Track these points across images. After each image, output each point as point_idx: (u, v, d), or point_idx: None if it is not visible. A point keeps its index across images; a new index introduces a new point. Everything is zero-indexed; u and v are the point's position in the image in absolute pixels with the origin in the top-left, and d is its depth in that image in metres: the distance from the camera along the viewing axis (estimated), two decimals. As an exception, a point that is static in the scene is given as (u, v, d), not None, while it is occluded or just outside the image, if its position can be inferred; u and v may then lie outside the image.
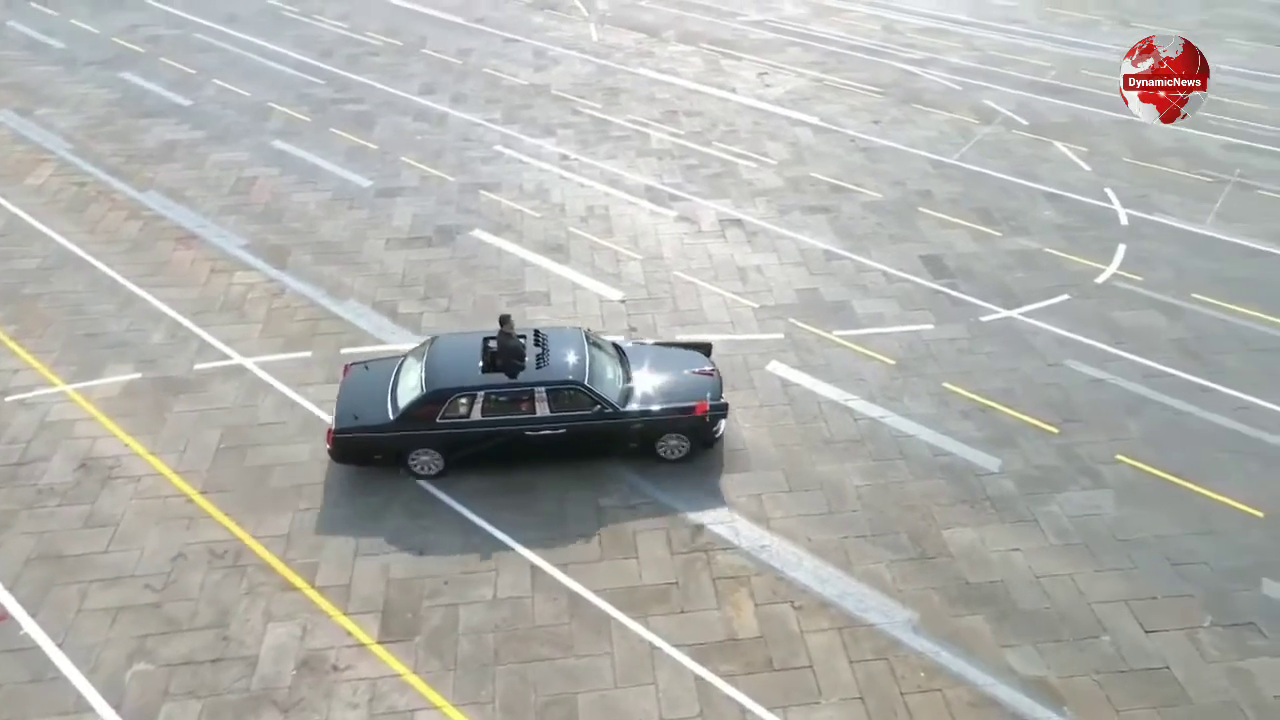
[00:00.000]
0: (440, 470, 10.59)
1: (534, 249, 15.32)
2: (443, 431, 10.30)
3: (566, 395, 10.37)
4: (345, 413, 10.46)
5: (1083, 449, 11.28)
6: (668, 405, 10.73)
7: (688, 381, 11.17)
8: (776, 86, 21.87)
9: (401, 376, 10.80)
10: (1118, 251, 15.36)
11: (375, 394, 10.64)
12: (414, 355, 11.13)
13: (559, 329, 11.50)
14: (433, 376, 10.39)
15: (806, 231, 15.86)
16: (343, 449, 10.34)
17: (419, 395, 10.27)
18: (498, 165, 18.14)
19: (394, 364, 11.15)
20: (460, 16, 26.74)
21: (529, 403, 10.37)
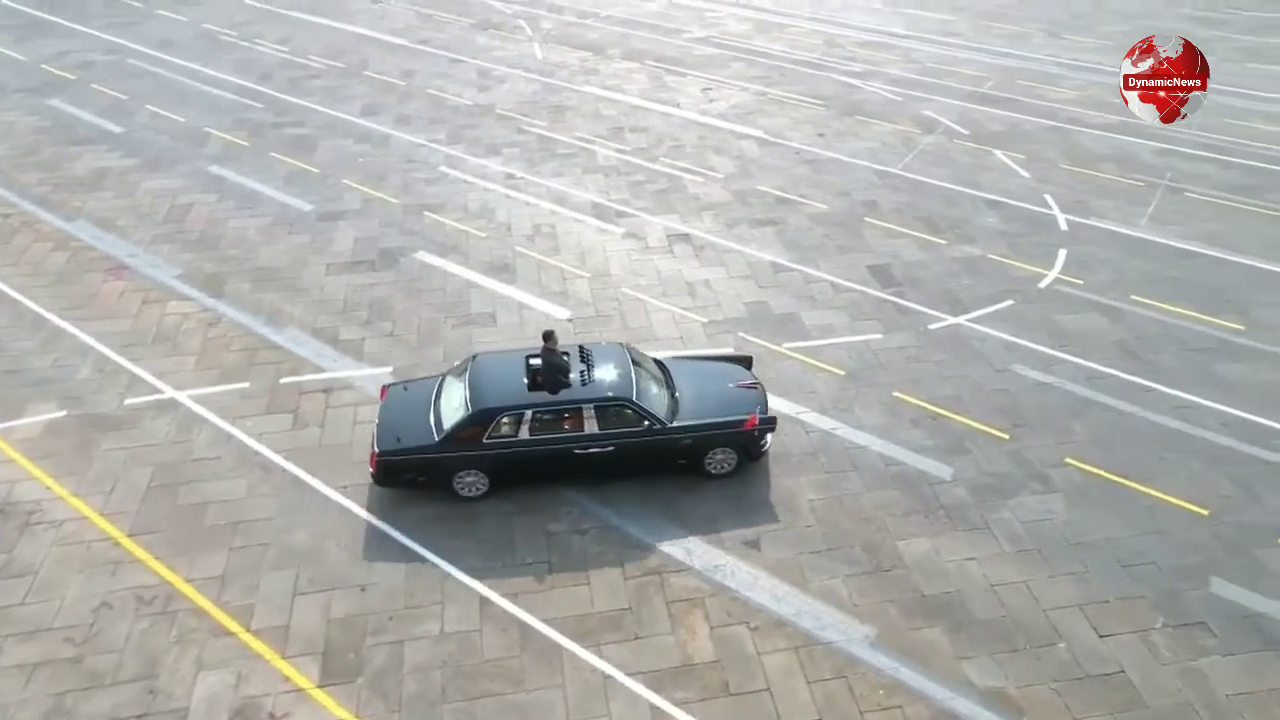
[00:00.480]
0: (485, 491, 10.29)
1: (480, 270, 14.97)
2: (489, 452, 10.02)
3: (614, 412, 10.13)
4: (387, 435, 10.09)
5: (1032, 453, 11.24)
6: (716, 420, 10.47)
7: (733, 395, 10.95)
8: (721, 101, 21.85)
9: (443, 396, 10.51)
10: (1059, 256, 15.49)
11: (417, 415, 10.34)
12: (454, 375, 10.83)
13: (601, 345, 11.21)
14: (478, 396, 10.09)
15: (754, 244, 15.74)
16: (386, 472, 10.03)
17: (465, 415, 9.98)
18: (442, 186, 17.77)
19: (433, 384, 10.88)
20: (404, 38, 26.37)
21: (577, 420, 10.12)
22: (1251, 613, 9.18)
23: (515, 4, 29.76)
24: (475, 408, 9.98)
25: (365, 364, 12.64)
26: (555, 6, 29.48)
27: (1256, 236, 16.06)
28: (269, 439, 11.15)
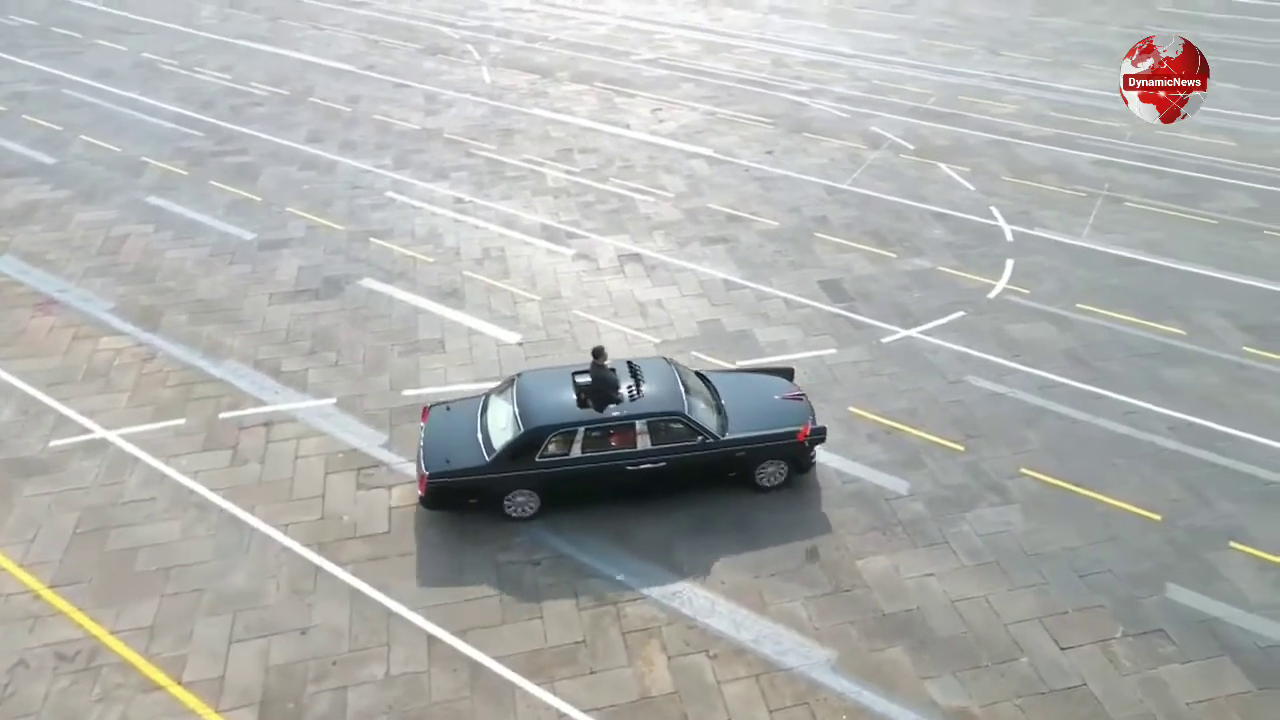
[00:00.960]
0: (536, 511, 10.04)
1: (427, 295, 14.56)
2: (542, 470, 9.78)
3: (666, 427, 9.95)
4: (436, 457, 9.81)
5: (988, 464, 11.13)
6: (767, 432, 10.30)
7: (780, 407, 10.82)
8: (670, 121, 21.78)
9: (489, 416, 10.26)
10: (1006, 266, 15.56)
11: (463, 435, 10.09)
12: (498, 394, 10.61)
13: (646, 360, 10.98)
14: (529, 414, 9.86)
15: (706, 262, 15.57)
16: (436, 495, 9.76)
17: (516, 434, 9.74)
18: (389, 211, 17.35)
19: (476, 403, 10.63)
20: (350, 64, 25.93)
21: (629, 436, 9.90)
22: (1207, 617, 9.11)
23: (463, 29, 29.52)
24: (527, 426, 9.75)
25: (308, 395, 12.14)
26: (503, 31, 29.31)
27: (1193, 243, 16.32)
28: (205, 477, 10.59)
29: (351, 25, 29.87)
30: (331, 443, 11.29)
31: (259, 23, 29.84)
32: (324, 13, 31.27)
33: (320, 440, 11.31)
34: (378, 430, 11.53)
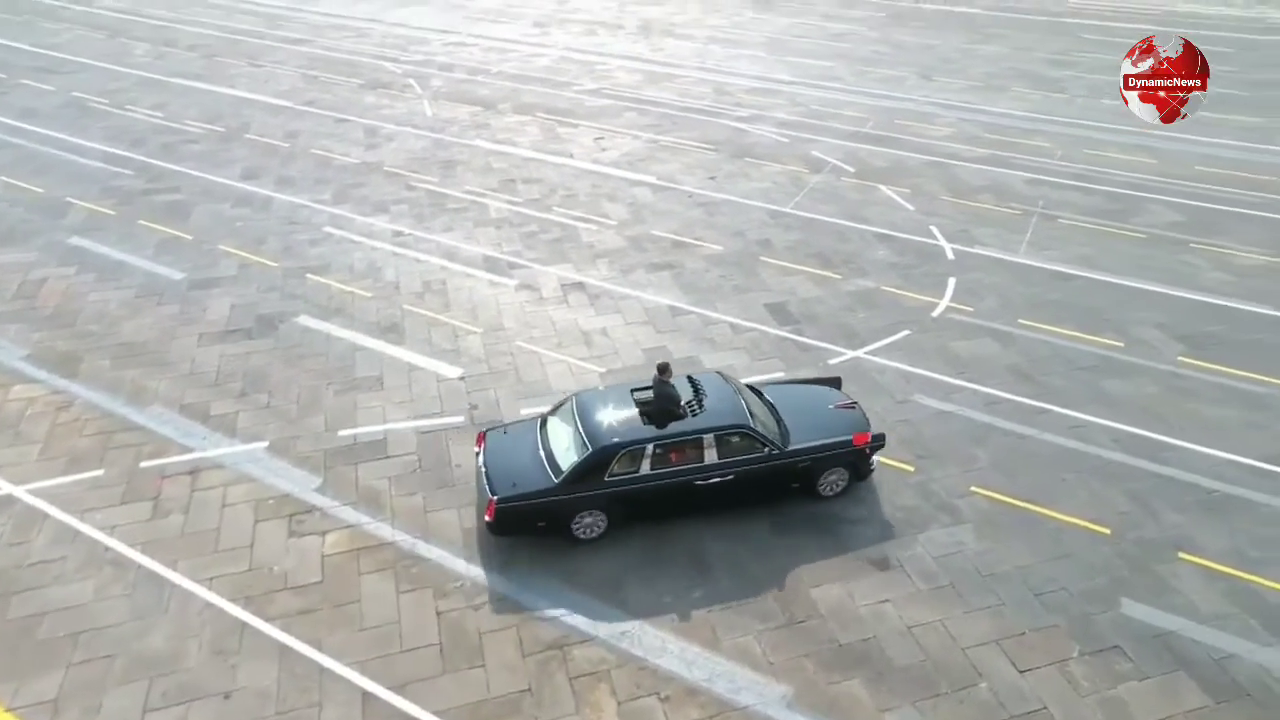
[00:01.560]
0: (603, 532, 9.83)
1: (366, 331, 14.00)
2: (611, 490, 9.59)
3: (732, 440, 9.84)
4: (501, 480, 9.57)
5: (939, 484, 10.91)
6: (829, 440, 10.30)
7: (835, 415, 10.82)
8: (613, 150, 21.59)
9: (550, 437, 10.04)
10: (948, 285, 15.55)
11: (526, 458, 9.89)
12: (555, 415, 10.39)
13: (701, 374, 10.83)
14: (595, 434, 9.68)
15: (651, 289, 15.28)
16: (505, 519, 9.45)
17: (584, 454, 9.53)
18: (327, 246, 16.76)
19: (533, 425, 10.44)
20: (289, 100, 25.34)
21: (696, 451, 9.77)
22: (1161, 631, 8.93)
23: (405, 64, 29.14)
24: (595, 445, 9.55)
25: (238, 440, 11.47)
26: (445, 65, 29.00)
27: (1124, 257, 16.53)
28: (123, 532, 9.87)
29: (291, 62, 29.29)
30: (262, 489, 10.64)
31: (194, 60, 29.10)
32: (263, 50, 30.65)
33: (250, 487, 10.65)
34: (311, 473, 10.91)
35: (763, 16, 35.59)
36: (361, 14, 36.00)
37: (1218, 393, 12.71)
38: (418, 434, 11.72)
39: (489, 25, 34.07)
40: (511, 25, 34.11)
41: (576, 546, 9.84)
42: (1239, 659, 8.68)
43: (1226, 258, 16.52)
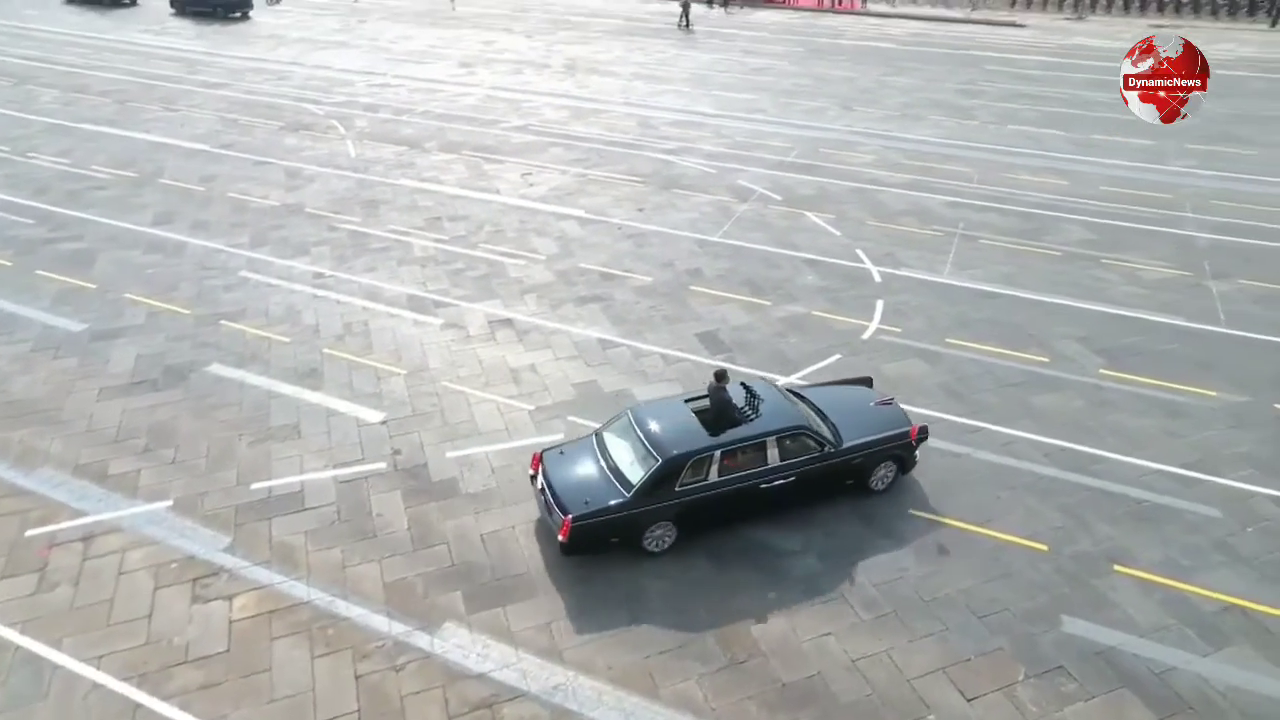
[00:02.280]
0: (672, 544, 9.72)
1: (283, 377, 13.20)
2: (681, 500, 9.51)
3: (792, 441, 9.97)
4: (573, 499, 9.34)
5: (877, 508, 10.63)
6: (879, 435, 10.51)
7: (878, 412, 11.03)
8: (541, 185, 21.22)
9: (612, 454, 9.87)
10: (877, 307, 15.49)
11: (592, 476, 9.71)
12: (612, 432, 10.23)
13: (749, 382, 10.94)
14: (661, 445, 9.59)
15: (580, 323, 14.83)
16: (579, 538, 9.24)
17: (654, 466, 9.40)
18: (243, 291, 15.90)
19: (589, 443, 10.26)
20: (205, 144, 24.35)
21: (760, 454, 9.82)
22: (1103, 647, 8.74)
23: (328, 105, 28.41)
24: (664, 456, 9.45)
25: (139, 500, 10.56)
26: (370, 106, 28.37)
27: (1042, 275, 16.75)
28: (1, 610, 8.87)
29: (209, 106, 28.28)
30: (163, 552, 9.76)
31: (105, 106, 27.87)
32: (179, 95, 29.56)
33: (150, 550, 9.76)
34: (220, 532, 10.07)
35: (685, 54, 35.93)
36: (283, 57, 35.16)
37: (1138, 403, 12.81)
38: (337, 483, 10.98)
39: (414, 66, 33.58)
40: (437, 65, 33.69)
41: (509, 596, 9.23)
42: (1179, 671, 8.52)
43: (1136, 272, 16.90)
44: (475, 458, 11.51)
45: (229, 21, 42.89)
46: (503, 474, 11.17)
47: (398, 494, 10.84)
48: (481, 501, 10.73)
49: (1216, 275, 16.75)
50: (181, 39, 38.78)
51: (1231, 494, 10.99)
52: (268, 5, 47.01)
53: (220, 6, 44.17)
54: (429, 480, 11.11)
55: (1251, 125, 26.46)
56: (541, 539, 10.05)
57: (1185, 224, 19.15)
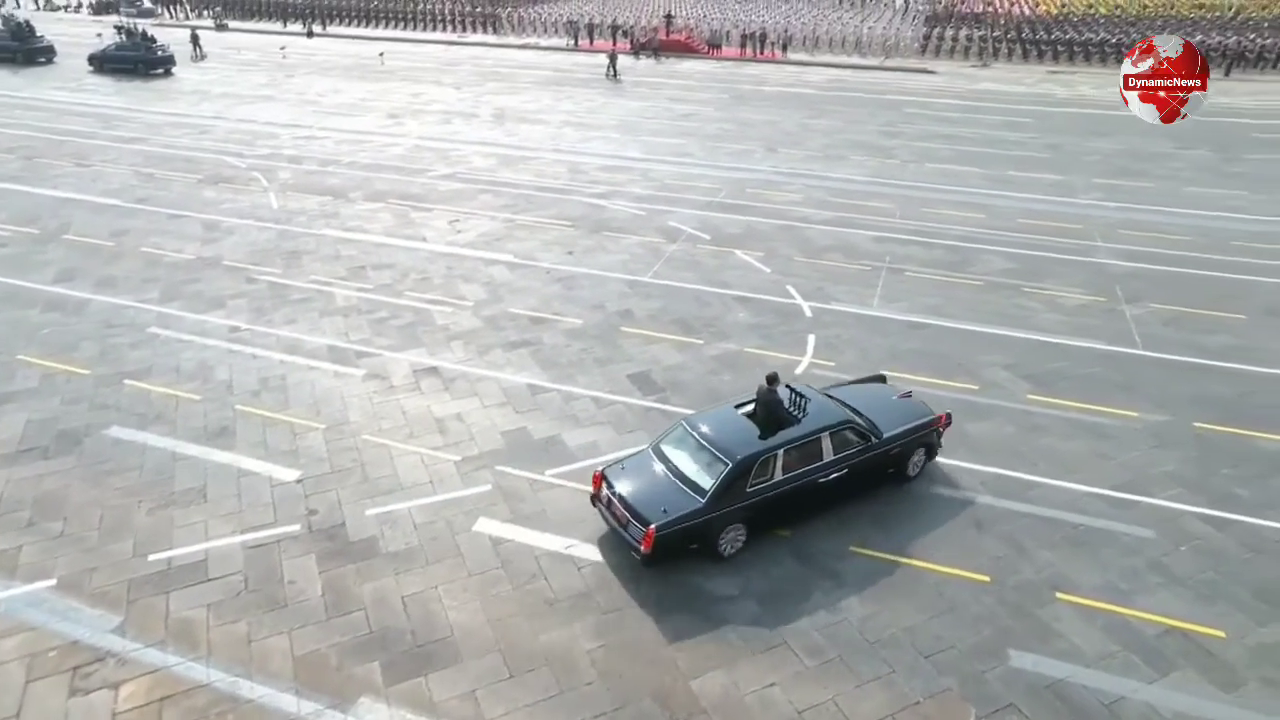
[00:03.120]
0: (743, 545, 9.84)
1: (190, 438, 12.23)
2: (752, 500, 9.66)
3: (843, 435, 10.34)
4: (651, 510, 9.33)
5: (816, 546, 10.20)
6: (913, 425, 11.03)
7: (903, 404, 11.55)
8: (469, 231, 20.69)
9: (675, 463, 9.94)
10: (809, 342, 15.29)
11: (661, 486, 9.71)
12: (670, 443, 10.28)
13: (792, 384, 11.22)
14: (727, 449, 9.75)
15: (509, 369, 14.22)
16: (662, 546, 9.22)
17: (725, 470, 9.53)
18: (150, 349, 14.87)
19: (646, 457, 10.26)
20: (117, 199, 23.18)
21: (815, 450, 10.11)
22: (1052, 680, 8.40)
23: (250, 158, 27.47)
24: (733, 459, 9.59)
25: (17, 581, 9.48)
26: (295, 158, 27.54)
27: (967, 304, 16.84)
28: None
29: (124, 160, 27.07)
30: (42, 638, 8.72)
31: (10, 162, 26.43)
32: (92, 150, 28.26)
33: (25, 638, 8.71)
34: (109, 611, 9.08)
35: (614, 102, 36.09)
36: (205, 112, 34.11)
37: (1067, 427, 12.76)
38: (245, 549, 10.07)
39: (341, 119, 32.90)
40: (365, 118, 33.07)
41: (431, 662, 8.45)
42: (1127, 701, 8.23)
43: (1055, 299, 17.13)
44: (397, 514, 10.73)
45: (150, 78, 41.61)
46: (426, 530, 10.42)
47: (312, 557, 9.99)
48: (403, 561, 9.95)
49: (1129, 300, 17.09)
50: (99, 95, 37.41)
51: (1163, 514, 10.91)
52: (193, 62, 45.85)
53: (141, 63, 42.78)
54: (347, 541, 10.28)
55: (1146, 161, 27.65)
56: (468, 598, 9.29)
57: (1097, 252, 19.63)
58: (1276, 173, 26.09)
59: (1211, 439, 12.49)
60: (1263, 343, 15.45)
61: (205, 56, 47.08)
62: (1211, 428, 12.75)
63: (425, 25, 57.65)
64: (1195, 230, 21.10)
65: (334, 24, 59.20)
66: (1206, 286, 17.77)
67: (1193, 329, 15.92)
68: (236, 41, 53.07)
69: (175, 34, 49.50)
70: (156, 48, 43.69)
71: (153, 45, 43.96)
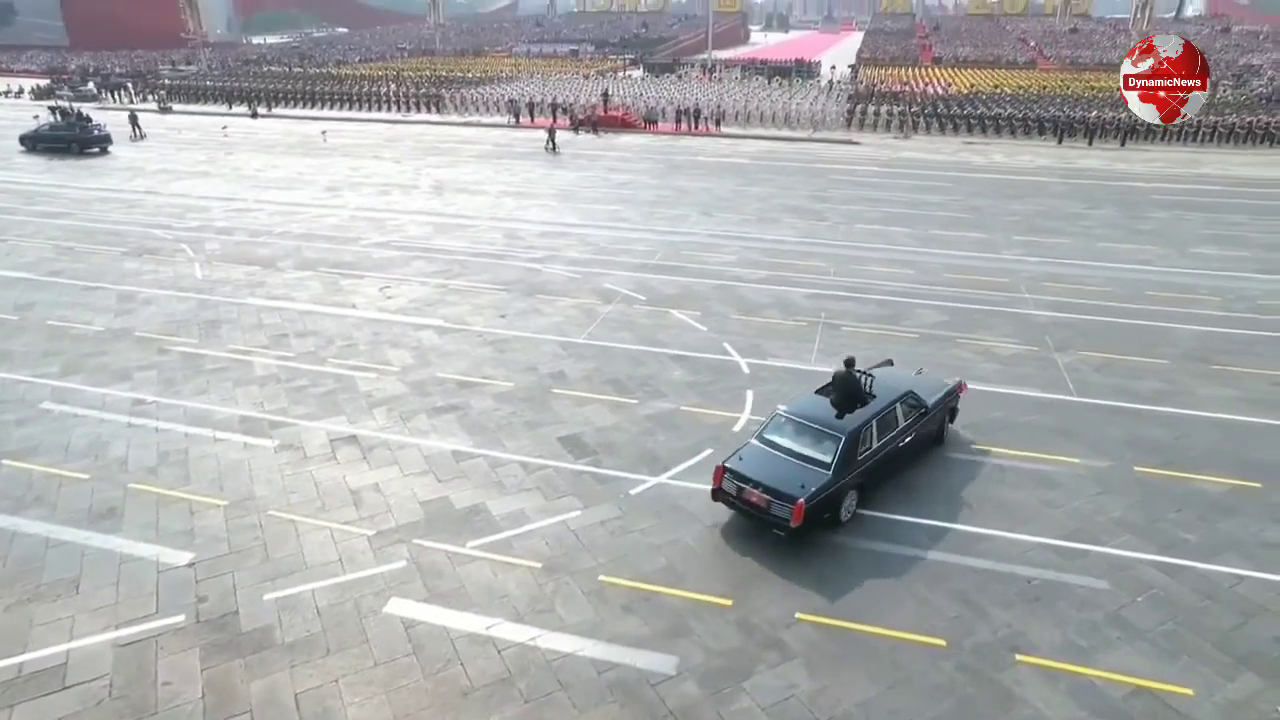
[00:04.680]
0: (854, 510, 10.82)
1: (70, 522, 10.75)
2: (862, 467, 10.68)
3: (906, 404, 11.58)
4: (791, 487, 10.05)
5: (760, 616, 9.18)
6: (942, 394, 12.56)
7: (925, 379, 12.95)
8: (400, 297, 19.66)
9: (791, 445, 10.76)
10: (747, 398, 14.53)
11: (787, 468, 10.45)
12: (773, 432, 11.06)
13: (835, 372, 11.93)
14: (836, 425, 10.76)
15: (433, 435, 13.08)
16: (809, 517, 9.94)
17: (843, 442, 10.46)
18: (40, 426, 13.35)
19: (757, 448, 10.92)
20: (29, 272, 21.62)
21: (894, 418, 11.29)
22: (1021, 754, 7.41)
23: (179, 230, 26.15)
24: (845, 432, 10.59)
25: None
26: (225, 229, 26.31)
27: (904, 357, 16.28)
28: None
29: (42, 235, 25.50)
30: None
31: (-83, 238, 24.66)
32: (9, 225, 26.61)
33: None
34: (-60, 734, 7.50)
35: (553, 173, 35.84)
36: (138, 187, 32.76)
37: (1011, 476, 12.12)
38: (115, 648, 8.62)
39: (279, 192, 31.88)
40: (303, 191, 32.10)
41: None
42: (1103, 773, 7.27)
43: (989, 349, 16.80)
44: (299, 598, 9.40)
45: (85, 157, 40.11)
46: (331, 615, 9.11)
47: (195, 653, 8.58)
48: (301, 652, 8.60)
49: (1059, 348, 16.84)
50: (27, 174, 35.79)
51: (1115, 562, 10.21)
52: (130, 141, 44.53)
53: (75, 142, 41.29)
54: (238, 631, 8.90)
55: (1060, 220, 28.22)
56: (374, 691, 7.96)
57: (1024, 304, 19.53)
58: (1179, 229, 26.83)
59: (1153, 483, 11.97)
60: (1188, 386, 15.23)
61: (144, 136, 45.79)
62: (1152, 471, 12.25)
63: (370, 106, 57.43)
64: (1113, 281, 21.27)
65: (280, 106, 58.60)
66: (1129, 334, 17.69)
67: (1122, 374, 15.66)
68: (179, 123, 52.01)
69: (117, 116, 48.20)
70: (92, 126, 42.37)
71: (88, 124, 42.64)
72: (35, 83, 68.47)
